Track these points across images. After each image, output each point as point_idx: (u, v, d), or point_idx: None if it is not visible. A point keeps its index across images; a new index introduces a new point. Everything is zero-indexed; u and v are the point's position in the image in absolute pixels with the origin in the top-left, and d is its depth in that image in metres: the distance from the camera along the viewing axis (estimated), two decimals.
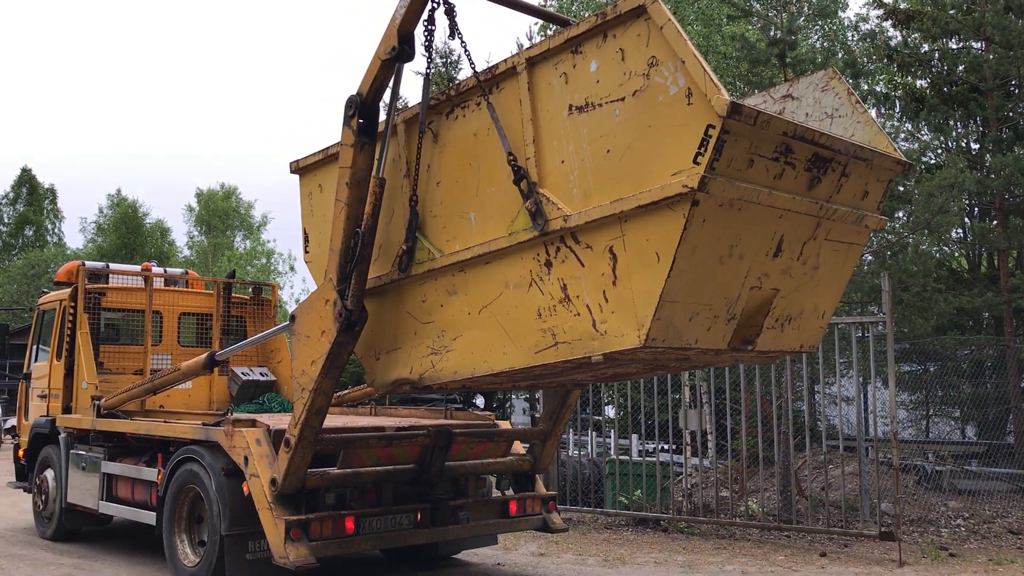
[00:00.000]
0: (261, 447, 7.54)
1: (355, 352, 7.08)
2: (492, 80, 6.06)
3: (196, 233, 55.87)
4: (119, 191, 52.60)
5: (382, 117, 6.85)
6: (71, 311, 10.89)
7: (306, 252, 7.73)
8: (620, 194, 5.27)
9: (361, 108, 6.60)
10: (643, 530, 12.05)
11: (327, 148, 7.34)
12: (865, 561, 10.07)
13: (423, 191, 6.54)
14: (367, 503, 7.75)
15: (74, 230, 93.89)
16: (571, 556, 10.36)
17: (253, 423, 7.87)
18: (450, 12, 6.47)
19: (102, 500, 9.74)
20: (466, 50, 6.52)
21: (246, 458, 7.51)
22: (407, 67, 6.76)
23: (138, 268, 12.05)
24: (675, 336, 5.38)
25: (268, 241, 55.76)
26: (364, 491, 7.77)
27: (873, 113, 18.29)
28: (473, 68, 6.16)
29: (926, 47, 16.45)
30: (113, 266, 12.02)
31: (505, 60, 5.98)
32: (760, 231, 5.49)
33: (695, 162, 4.92)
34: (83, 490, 10.10)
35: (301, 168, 7.75)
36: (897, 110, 16.69)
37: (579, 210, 5.48)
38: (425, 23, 6.46)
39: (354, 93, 6.61)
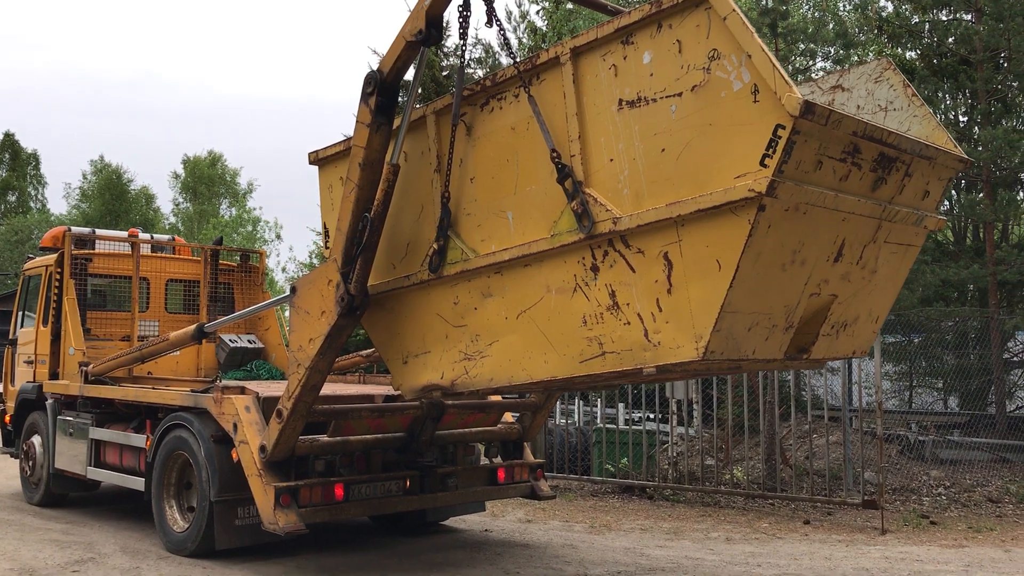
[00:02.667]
0: (250, 414, 7.56)
1: (381, 355, 6.90)
2: (532, 71, 5.69)
3: (182, 200, 55.49)
4: (102, 157, 52.18)
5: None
6: (57, 277, 10.83)
7: (325, 248, 7.26)
8: (676, 196, 4.94)
9: (381, 87, 6.29)
10: (629, 498, 12.16)
11: (348, 139, 6.90)
12: (848, 529, 10.21)
13: (455, 187, 6.17)
14: (356, 470, 7.79)
15: (57, 196, 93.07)
16: (558, 523, 10.46)
17: (242, 390, 7.89)
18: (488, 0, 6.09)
19: (90, 466, 9.75)
20: (504, 38, 6.20)
21: (235, 425, 7.52)
22: (394, 35, 6.51)
23: (124, 234, 11.98)
24: (734, 348, 5.11)
25: (254, 208, 55.39)
26: (353, 458, 7.81)
27: None
28: (513, 57, 5.80)
29: (917, 18, 16.41)
30: (99, 232, 11.91)
31: (547, 50, 5.63)
32: (823, 235, 5.21)
33: (762, 164, 4.61)
34: (71, 456, 10.10)
35: (320, 159, 7.38)
36: None
37: (630, 212, 5.14)
38: (460, 8, 6.14)
39: (375, 69, 6.30)
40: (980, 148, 14.35)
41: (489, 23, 6.07)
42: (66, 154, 79.27)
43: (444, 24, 6.10)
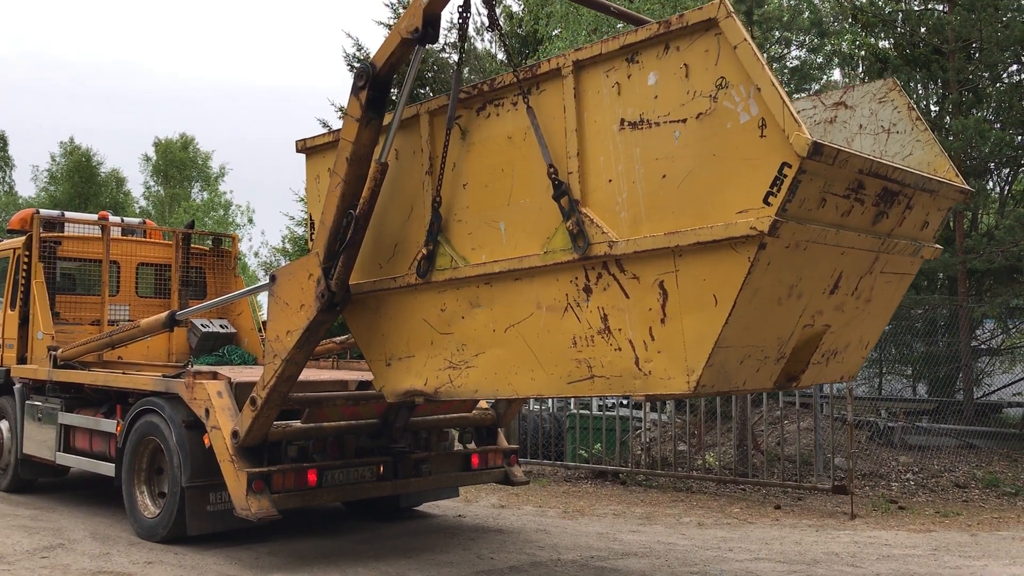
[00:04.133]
0: (223, 399, 7.50)
1: (364, 355, 6.81)
2: (532, 80, 5.51)
3: (153, 183, 54.83)
4: (72, 139, 51.28)
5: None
6: (25, 260, 10.67)
7: (311, 240, 7.00)
8: (676, 225, 4.83)
9: (373, 81, 6.13)
10: (602, 483, 12.22)
11: (337, 131, 6.76)
12: (818, 514, 10.32)
13: (447, 192, 6.02)
14: (329, 456, 7.77)
15: (25, 179, 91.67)
16: (531, 508, 10.49)
17: (214, 375, 7.83)
18: (489, 2, 5.94)
19: (59, 451, 9.64)
20: (504, 42, 6.13)
21: (207, 410, 7.47)
22: (369, 18, 6.42)
23: (94, 217, 11.82)
24: (724, 380, 5.04)
25: (226, 192, 54.81)
26: (326, 444, 7.79)
27: (836, 74, 18.41)
28: (512, 64, 5.65)
29: (890, 8, 16.51)
30: (69, 214, 11.77)
31: (548, 60, 5.47)
32: (821, 269, 5.13)
33: (766, 202, 4.50)
34: (39, 441, 9.98)
35: (308, 148, 7.18)
36: (861, 71, 16.77)
37: (627, 237, 5.03)
38: (460, 9, 6.01)
39: (368, 63, 6.16)
40: (951, 138, 14.49)
41: (491, 28, 5.94)
42: (37, 140, 78.06)
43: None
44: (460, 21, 6.05)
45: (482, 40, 28.70)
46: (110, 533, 8.48)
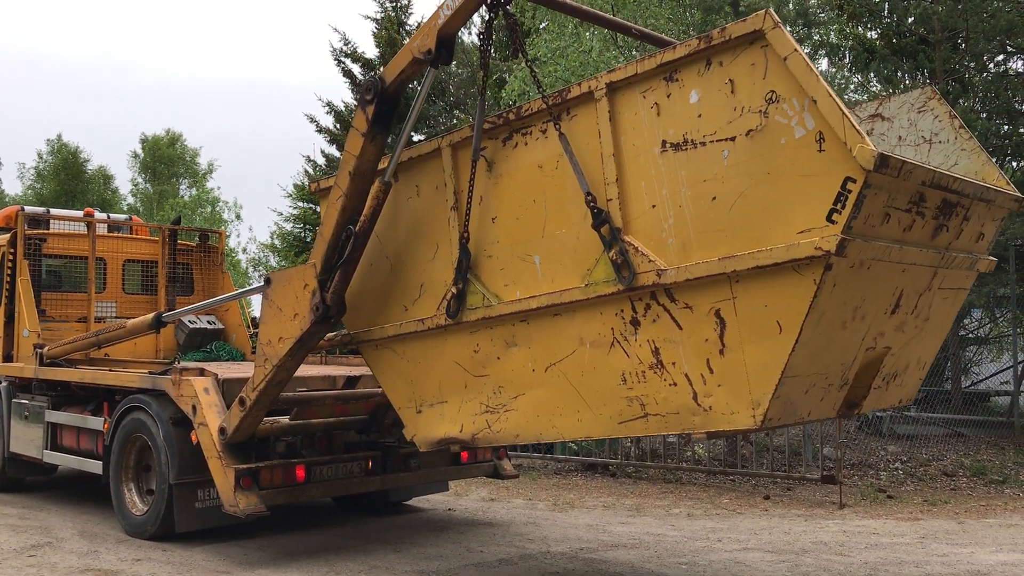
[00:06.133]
0: (209, 396, 7.47)
1: (391, 401, 6.54)
2: (562, 105, 5.28)
3: (141, 180, 54.57)
4: (59, 136, 51.00)
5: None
6: (10, 257, 10.60)
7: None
8: (730, 250, 4.58)
9: (381, 96, 5.94)
10: (592, 475, 12.24)
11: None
12: (807, 504, 10.35)
13: (475, 227, 5.73)
14: (318, 451, 7.77)
15: (11, 176, 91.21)
16: (521, 501, 10.49)
17: (201, 372, 7.80)
18: (513, 27, 5.61)
19: (46, 449, 9.60)
20: (532, 69, 5.87)
21: (194, 407, 7.44)
22: (356, 12, 6.35)
23: (80, 214, 11.75)
24: (791, 413, 4.80)
25: (213, 189, 54.59)
26: (315, 439, 7.78)
27: (824, 64, 18.43)
28: (541, 90, 5.39)
29: None
30: (54, 211, 11.71)
31: (579, 83, 5.21)
32: (883, 288, 4.91)
33: (830, 220, 4.26)
34: (26, 440, 9.93)
35: (322, 190, 6.84)
36: (847, 61, 16.79)
37: (677, 265, 4.78)
38: (481, 36, 5.78)
39: (377, 76, 5.97)
40: None
41: (514, 55, 5.67)
42: (22, 137, 77.51)
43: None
44: (481, 48, 5.79)
45: (469, 33, 28.64)
46: (98, 531, 8.46)
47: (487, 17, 5.73)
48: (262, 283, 6.96)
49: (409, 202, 6.29)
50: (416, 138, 24.77)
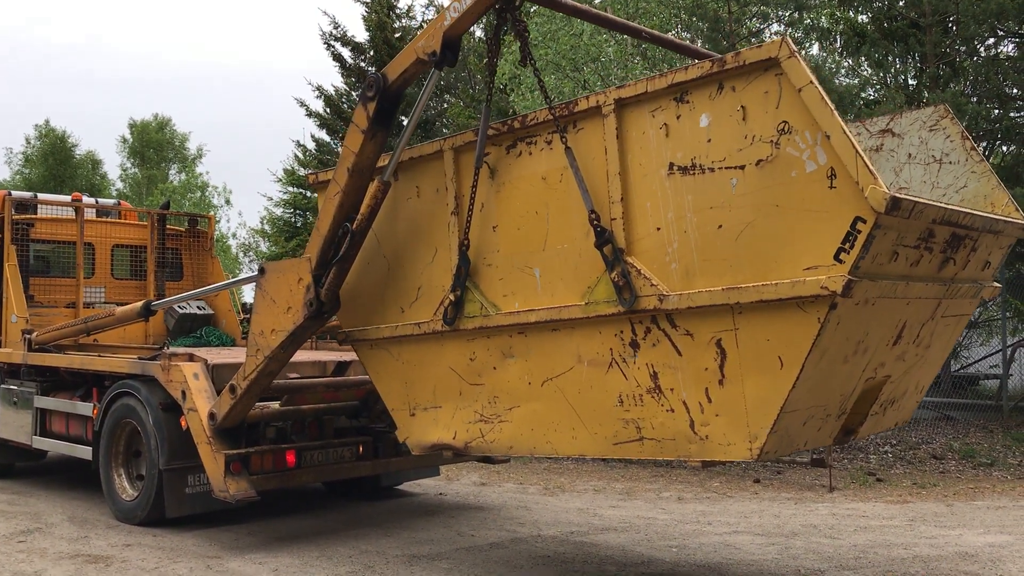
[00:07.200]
0: (199, 381, 7.45)
1: (385, 403, 6.51)
2: (569, 117, 5.17)
3: (129, 165, 54.27)
4: (47, 121, 50.63)
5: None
6: None
7: None
8: (734, 280, 4.52)
9: (383, 93, 5.82)
10: (582, 459, 12.26)
11: None
12: (797, 487, 10.40)
13: (476, 234, 5.65)
14: (308, 436, 7.75)
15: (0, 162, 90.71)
16: (512, 485, 10.52)
17: (191, 357, 7.77)
18: (522, 35, 5.43)
19: (36, 435, 9.56)
20: (539, 78, 5.68)
21: (184, 392, 7.41)
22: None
23: (68, 199, 11.67)
24: (787, 445, 4.80)
25: (203, 174, 54.33)
26: (305, 425, 7.76)
27: (815, 49, 18.39)
28: (548, 101, 5.29)
29: None
30: (41, 196, 11.63)
31: (587, 97, 5.10)
32: (887, 322, 4.87)
33: (837, 259, 4.20)
34: (15, 425, 9.90)
35: (320, 182, 6.72)
36: (838, 45, 16.77)
37: (679, 291, 4.72)
38: (488, 43, 5.70)
39: (379, 72, 5.83)
40: None
41: (523, 63, 5.55)
42: (10, 122, 76.90)
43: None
44: (489, 56, 5.69)
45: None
46: (88, 516, 8.44)
47: (495, 23, 5.60)
48: (256, 272, 6.91)
49: (409, 202, 6.18)
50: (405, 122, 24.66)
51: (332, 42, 25.68)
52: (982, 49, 15.81)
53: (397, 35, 25.69)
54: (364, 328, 6.46)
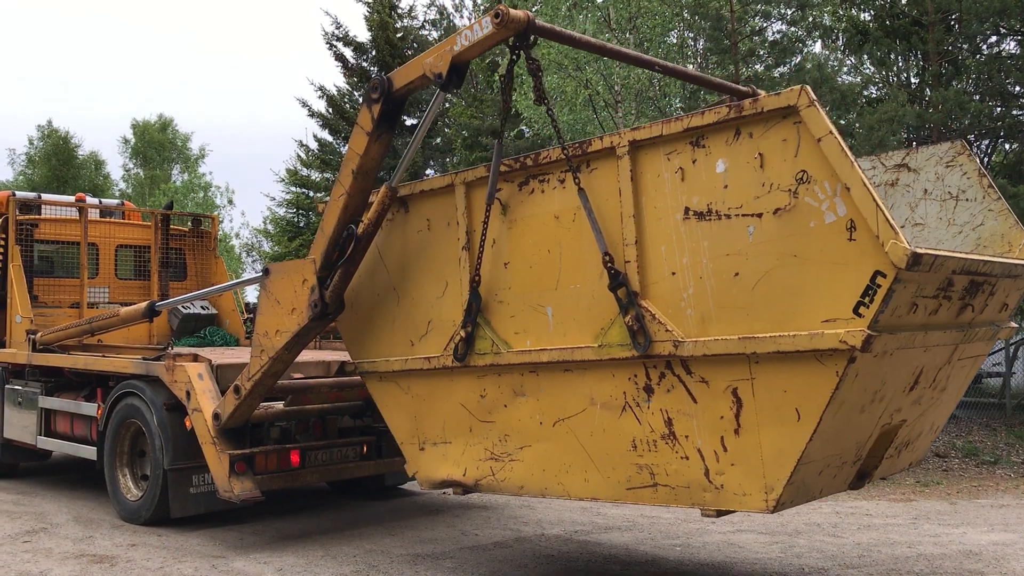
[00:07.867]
0: (203, 382, 7.47)
1: (395, 436, 6.46)
2: (582, 157, 5.12)
3: (132, 166, 54.33)
4: (50, 122, 50.69)
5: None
6: (1, 243, 10.55)
7: None
8: (751, 329, 4.47)
9: (387, 96, 5.81)
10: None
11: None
12: None
13: (487, 270, 5.59)
14: (312, 436, 7.77)
15: (2, 163, 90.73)
16: None
17: (195, 357, 7.79)
18: (536, 73, 5.33)
19: (40, 435, 9.59)
20: (552, 117, 5.58)
21: (188, 392, 7.43)
22: None
23: (71, 199, 11.70)
24: (804, 494, 4.77)
25: (205, 174, 54.36)
26: (309, 424, 7.78)
27: (817, 47, 18.39)
28: (560, 141, 5.22)
29: None
30: (45, 196, 11.65)
31: (601, 137, 5.06)
32: (903, 370, 4.82)
33: (856, 313, 4.15)
34: (20, 426, 9.92)
35: (324, 202, 6.67)
36: (841, 43, 16.76)
37: (695, 337, 4.65)
38: (502, 78, 5.65)
39: (385, 75, 5.82)
40: (931, 110, 14.52)
41: (537, 101, 5.50)
42: (13, 123, 76.97)
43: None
44: (503, 92, 5.64)
45: (460, 17, 28.46)
46: (93, 516, 8.46)
47: (508, 59, 5.54)
48: (260, 273, 6.93)
49: (419, 235, 6.14)
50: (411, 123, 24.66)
51: (334, 42, 25.70)
52: (985, 47, 15.80)
53: (399, 35, 25.72)
54: (374, 360, 6.44)
